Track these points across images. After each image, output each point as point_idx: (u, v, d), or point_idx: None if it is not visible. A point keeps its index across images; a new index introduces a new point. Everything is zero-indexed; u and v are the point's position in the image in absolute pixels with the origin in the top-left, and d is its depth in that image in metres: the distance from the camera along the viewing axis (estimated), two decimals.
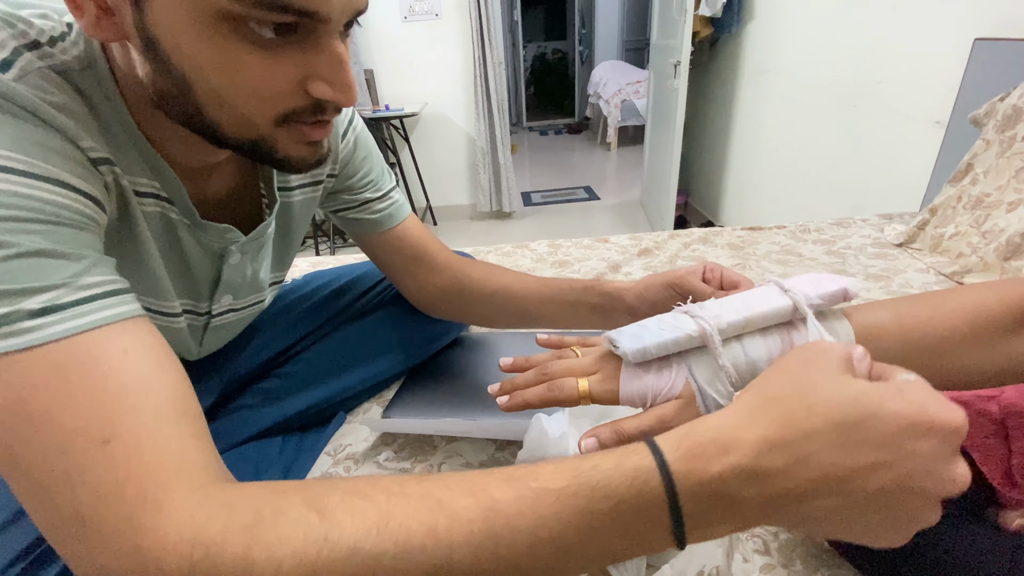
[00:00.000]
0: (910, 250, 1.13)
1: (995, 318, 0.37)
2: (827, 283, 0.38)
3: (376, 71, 2.97)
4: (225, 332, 0.60)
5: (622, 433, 0.37)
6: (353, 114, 0.61)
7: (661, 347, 0.38)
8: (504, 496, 0.27)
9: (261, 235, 0.53)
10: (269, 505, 0.28)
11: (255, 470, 0.62)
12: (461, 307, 0.69)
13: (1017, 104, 0.99)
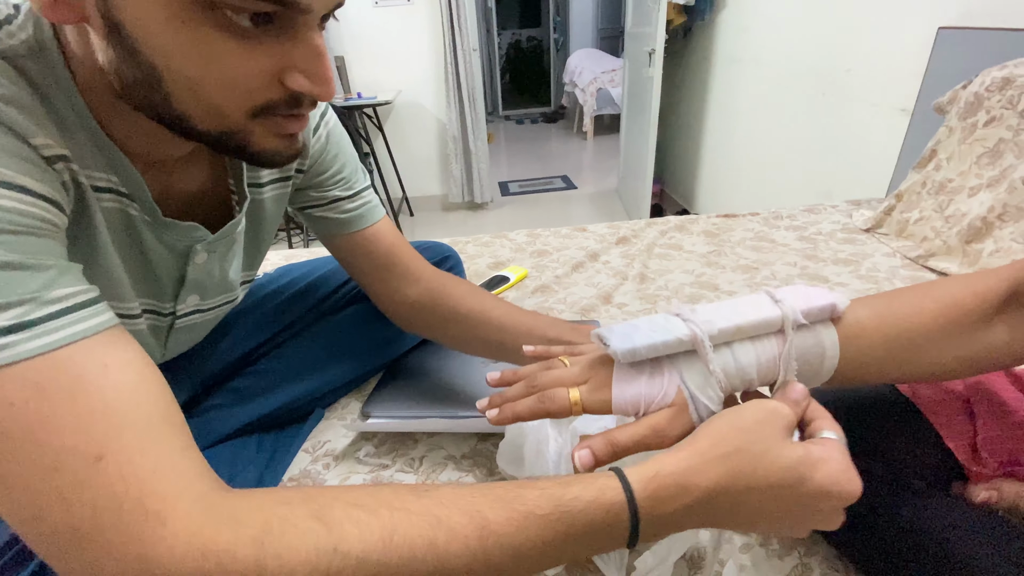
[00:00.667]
0: (877, 235, 1.17)
1: (969, 311, 0.39)
2: (817, 297, 0.38)
3: (347, 58, 2.90)
4: (192, 333, 0.58)
5: (616, 444, 0.37)
6: (326, 108, 0.59)
7: (651, 349, 0.37)
8: (496, 517, 0.30)
9: (230, 233, 0.51)
10: (276, 516, 0.29)
11: (229, 471, 0.60)
12: (432, 323, 0.65)
13: (979, 91, 1.02)
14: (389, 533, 0.29)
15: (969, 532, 0.40)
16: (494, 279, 1.08)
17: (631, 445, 0.37)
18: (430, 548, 0.29)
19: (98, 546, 0.26)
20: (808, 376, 0.39)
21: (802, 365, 0.38)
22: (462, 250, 1.25)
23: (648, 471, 0.32)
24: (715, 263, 1.10)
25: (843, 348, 0.39)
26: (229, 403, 0.67)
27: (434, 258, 0.84)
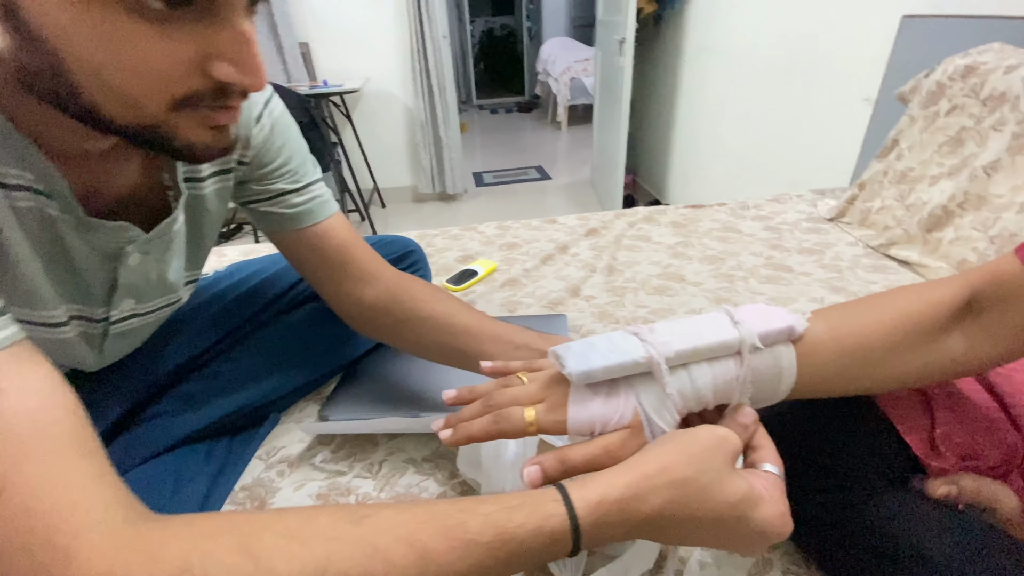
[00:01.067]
0: (840, 224, 1.18)
1: (924, 322, 0.39)
2: (775, 319, 0.38)
3: (312, 45, 2.81)
4: (131, 338, 0.55)
5: (568, 463, 0.36)
6: (270, 96, 0.55)
7: (607, 371, 0.37)
8: (437, 546, 0.29)
9: (166, 232, 0.47)
10: (197, 551, 0.26)
11: (175, 482, 0.57)
12: (390, 327, 0.61)
13: (940, 80, 1.03)
14: (323, 567, 0.27)
15: (927, 528, 0.40)
16: (462, 273, 1.06)
17: (582, 465, 0.36)
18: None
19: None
20: (765, 396, 0.39)
21: (759, 386, 0.38)
22: (430, 243, 1.22)
23: (593, 495, 0.31)
24: (682, 254, 1.10)
25: (799, 365, 0.39)
26: (176, 410, 0.63)
27: (396, 253, 0.81)
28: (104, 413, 0.60)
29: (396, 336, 0.62)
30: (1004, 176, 0.88)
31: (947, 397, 0.47)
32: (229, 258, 1.14)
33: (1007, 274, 0.37)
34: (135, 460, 0.60)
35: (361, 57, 2.89)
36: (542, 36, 5.95)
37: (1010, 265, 0.37)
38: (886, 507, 0.42)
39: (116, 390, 0.61)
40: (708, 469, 0.32)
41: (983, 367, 0.40)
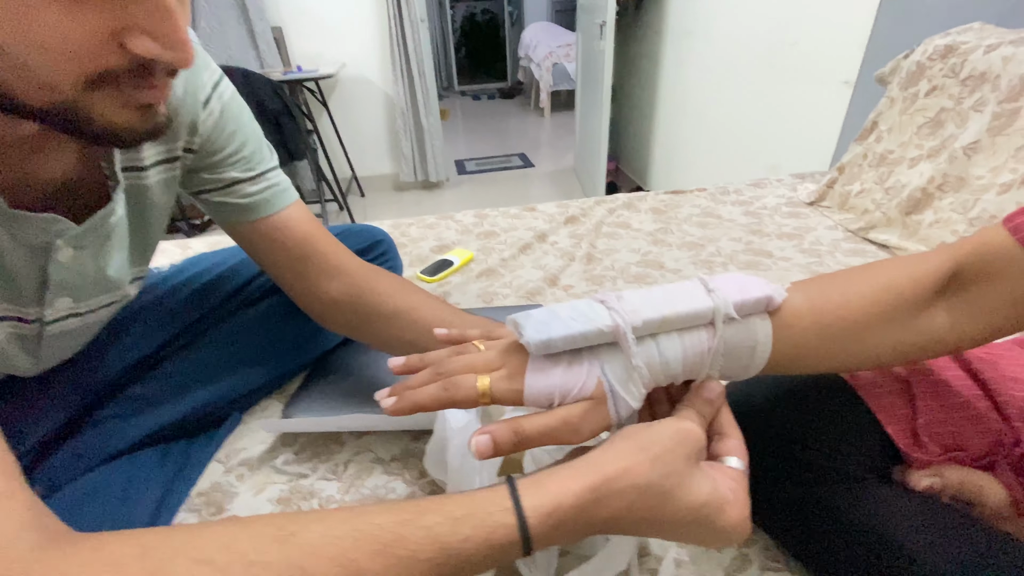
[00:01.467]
0: (820, 208, 1.17)
1: (906, 296, 0.36)
2: (753, 288, 0.35)
3: (285, 30, 2.71)
4: (69, 341, 0.51)
5: (522, 433, 0.33)
6: (220, 78, 0.51)
7: (569, 340, 0.34)
8: (372, 566, 0.26)
9: (101, 225, 0.44)
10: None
11: (124, 490, 0.54)
12: (354, 322, 0.58)
13: (920, 61, 1.02)
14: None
15: (909, 521, 0.38)
16: (438, 263, 1.03)
17: (537, 436, 0.33)
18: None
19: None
20: (737, 370, 0.36)
21: (731, 359, 0.35)
22: (404, 232, 1.19)
23: (547, 504, 0.28)
24: (661, 241, 1.07)
25: (776, 338, 0.36)
26: (127, 413, 0.60)
27: (363, 244, 0.77)
28: (47, 417, 0.56)
29: (361, 333, 0.59)
30: (984, 157, 0.87)
31: (930, 385, 0.45)
32: (195, 250, 1.10)
33: (994, 245, 0.35)
34: (83, 467, 0.56)
35: (336, 42, 2.81)
36: (524, 21, 5.86)
37: (997, 236, 0.35)
38: (866, 500, 0.41)
39: (60, 393, 0.57)
40: (671, 472, 0.30)
41: (968, 344, 0.37)
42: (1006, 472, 0.41)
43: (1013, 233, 0.34)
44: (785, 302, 0.36)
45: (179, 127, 0.48)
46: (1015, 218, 0.34)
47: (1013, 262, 0.34)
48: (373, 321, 0.57)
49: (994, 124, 0.85)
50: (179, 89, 0.47)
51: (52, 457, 0.56)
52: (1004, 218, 0.35)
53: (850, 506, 0.41)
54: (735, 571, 0.46)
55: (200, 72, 0.49)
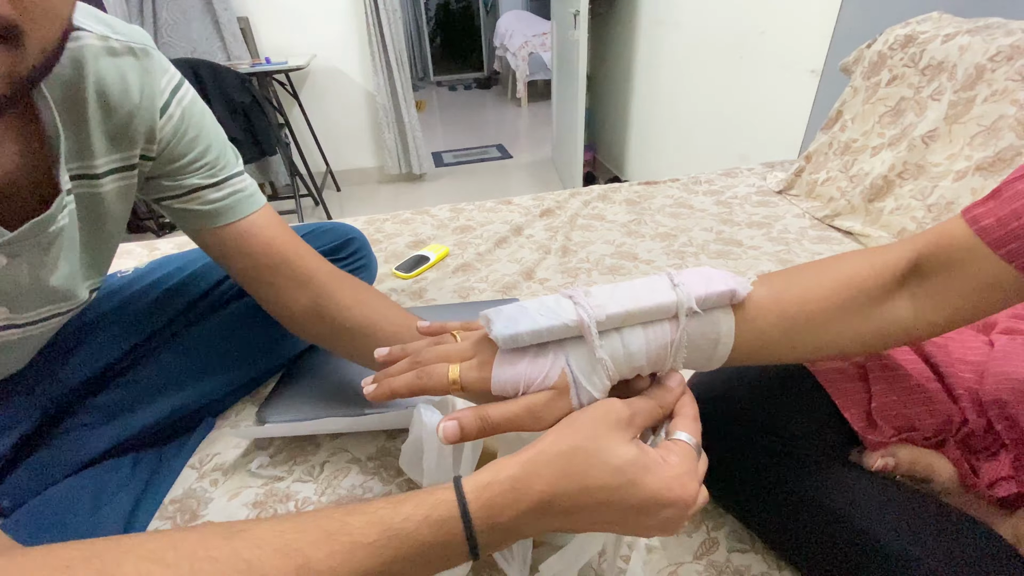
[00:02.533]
0: (788, 196, 1.19)
1: (868, 287, 0.38)
2: (718, 282, 0.37)
3: (252, 19, 2.64)
4: (7, 354, 0.49)
5: (487, 420, 0.34)
6: (179, 83, 0.50)
7: (535, 335, 0.35)
8: (316, 554, 0.27)
9: (38, 233, 0.41)
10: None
11: (93, 501, 0.53)
12: (324, 334, 0.56)
13: (881, 50, 1.04)
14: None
15: (866, 500, 0.40)
16: (413, 259, 1.02)
17: (502, 422, 0.34)
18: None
19: None
20: (700, 362, 0.38)
21: (693, 351, 0.37)
22: (379, 228, 1.18)
23: (483, 478, 0.30)
24: (635, 232, 1.09)
25: (739, 331, 0.37)
26: (94, 422, 0.58)
27: (335, 242, 0.76)
28: (9, 429, 0.55)
29: (329, 343, 0.59)
30: (941, 145, 0.90)
31: (883, 369, 0.47)
32: (161, 252, 1.07)
33: (953, 237, 0.36)
34: (52, 478, 0.55)
35: (306, 32, 2.74)
36: (499, 9, 5.80)
37: (957, 227, 0.36)
38: (827, 482, 0.42)
39: (22, 403, 0.56)
40: (593, 436, 0.31)
41: (929, 333, 0.39)
42: (954, 450, 0.43)
43: (971, 224, 0.35)
44: (750, 296, 0.38)
45: (135, 134, 0.46)
46: (973, 209, 0.36)
47: (971, 252, 0.35)
48: (337, 333, 0.56)
49: (951, 113, 0.88)
50: (135, 95, 0.45)
51: (15, 471, 0.54)
52: (963, 210, 0.36)
53: (811, 488, 0.42)
54: (703, 554, 0.48)
55: (158, 77, 0.47)
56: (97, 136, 0.44)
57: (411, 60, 4.64)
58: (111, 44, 0.44)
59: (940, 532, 0.37)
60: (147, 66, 0.46)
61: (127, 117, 0.45)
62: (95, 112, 0.44)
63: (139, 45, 0.46)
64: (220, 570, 0.25)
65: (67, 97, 0.42)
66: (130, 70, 0.45)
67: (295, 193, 2.59)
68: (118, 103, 0.44)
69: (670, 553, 0.48)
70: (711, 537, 0.49)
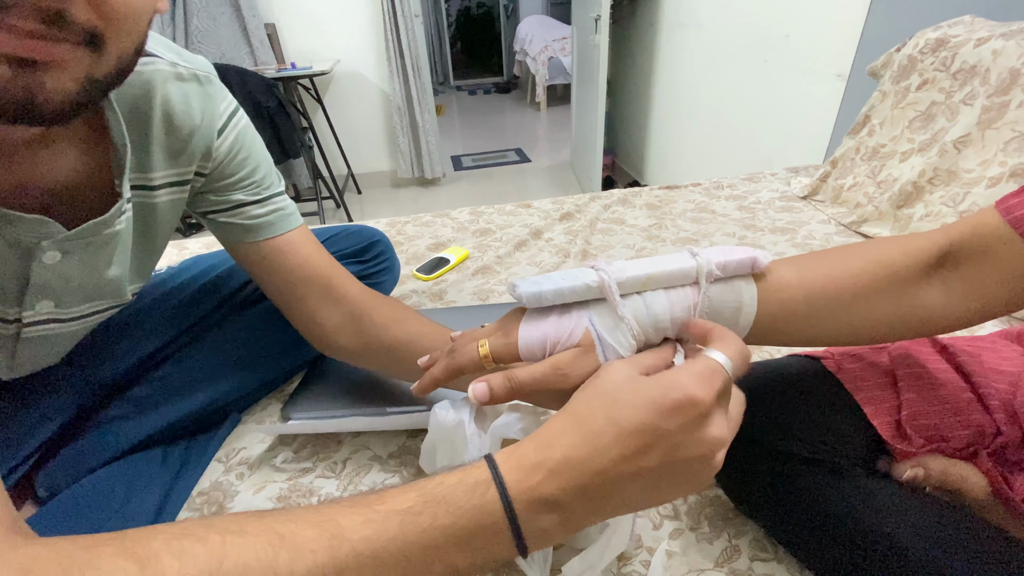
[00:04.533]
0: (813, 202, 1.17)
1: (897, 270, 0.37)
2: (738, 252, 0.37)
3: (279, 26, 2.70)
4: (47, 347, 0.51)
5: (515, 380, 0.35)
6: (236, 109, 0.53)
7: (558, 294, 0.37)
8: (350, 522, 0.26)
9: (94, 233, 0.44)
10: (76, 563, 0.24)
11: (126, 490, 0.55)
12: (354, 349, 0.58)
13: (911, 54, 1.02)
14: (218, 561, 0.24)
15: (894, 511, 0.39)
16: (434, 261, 1.03)
17: (530, 382, 0.35)
18: (268, 571, 0.25)
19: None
20: None
21: (717, 318, 0.37)
22: (401, 230, 1.19)
23: (509, 448, 0.30)
24: (656, 236, 1.08)
25: (763, 302, 0.37)
26: (128, 414, 0.60)
27: (360, 244, 0.78)
28: (48, 421, 0.57)
29: (360, 360, 0.60)
30: (974, 151, 0.88)
31: (914, 378, 0.46)
32: (190, 251, 1.10)
33: (987, 226, 0.36)
34: (85, 468, 0.57)
35: (330, 38, 2.80)
36: (519, 14, 5.83)
37: (990, 217, 0.36)
38: (853, 492, 0.42)
39: (61, 396, 0.58)
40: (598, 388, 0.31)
41: (961, 323, 0.38)
42: (987, 462, 0.42)
43: (1005, 215, 0.35)
44: (773, 271, 0.38)
45: (193, 152, 0.50)
46: (1008, 200, 0.35)
47: (1004, 242, 0.35)
48: (372, 350, 0.57)
49: (984, 118, 0.86)
50: (197, 117, 0.49)
51: (53, 460, 0.56)
52: (997, 200, 0.36)
53: (837, 497, 0.42)
54: (725, 561, 0.47)
55: (217, 102, 0.51)
56: (157, 151, 0.48)
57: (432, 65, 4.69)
58: (179, 70, 0.47)
59: (969, 543, 0.37)
60: (209, 92, 0.50)
61: (188, 136, 0.49)
62: (158, 130, 0.47)
63: (203, 73, 0.50)
64: (252, 543, 0.25)
65: (135, 114, 0.45)
66: (194, 95, 0.48)
67: (317, 195, 2.63)
68: (181, 123, 0.48)
69: (691, 559, 0.48)
70: (733, 545, 0.49)
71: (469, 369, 0.38)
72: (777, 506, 0.46)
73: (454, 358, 0.39)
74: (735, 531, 0.50)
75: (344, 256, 0.75)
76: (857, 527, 0.40)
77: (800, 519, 0.44)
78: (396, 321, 0.57)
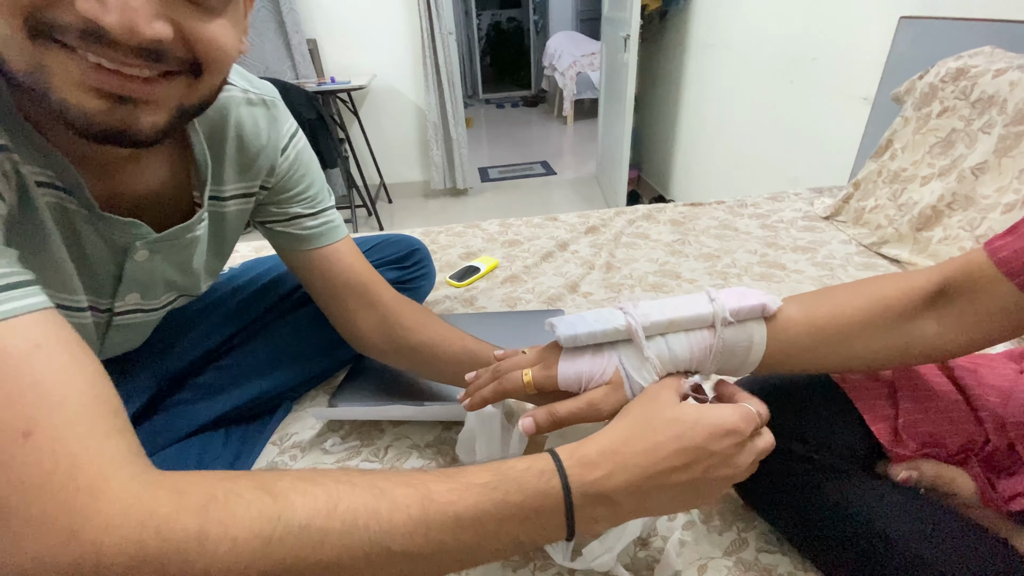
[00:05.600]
0: (835, 223, 1.20)
1: (895, 307, 0.42)
2: (750, 297, 0.43)
3: (320, 41, 2.84)
4: (131, 333, 0.58)
5: (555, 415, 0.42)
6: (296, 130, 0.60)
7: (591, 336, 0.43)
8: (438, 488, 0.32)
9: (178, 237, 0.51)
10: (221, 488, 0.29)
11: (197, 464, 0.62)
12: (388, 352, 0.65)
13: (933, 82, 1.05)
14: (334, 503, 0.30)
15: (890, 509, 0.43)
16: (465, 269, 1.10)
17: (568, 416, 0.41)
18: (373, 516, 0.30)
19: (22, 519, 0.25)
20: (735, 365, 0.43)
21: (729, 356, 0.42)
22: (435, 240, 1.26)
23: (571, 447, 0.36)
24: (679, 252, 1.13)
25: (772, 340, 0.42)
26: (195, 398, 0.68)
27: (401, 252, 0.85)
28: (131, 401, 0.65)
29: (389, 359, 0.67)
30: (991, 177, 0.90)
31: (913, 390, 0.50)
32: (241, 254, 1.19)
33: (976, 265, 0.40)
34: (158, 445, 0.64)
35: (368, 53, 2.92)
36: (549, 30, 5.94)
37: (979, 257, 0.40)
38: (853, 490, 0.46)
39: (139, 379, 0.66)
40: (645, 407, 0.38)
41: (955, 352, 0.42)
42: (976, 467, 0.46)
43: (991, 255, 0.39)
44: (781, 310, 0.43)
45: (260, 168, 0.57)
46: (994, 241, 0.40)
47: (990, 281, 0.39)
48: (399, 350, 0.64)
49: (1000, 146, 0.88)
50: (263, 137, 0.55)
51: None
52: (986, 242, 0.40)
53: (838, 495, 0.46)
54: (733, 551, 0.52)
55: (281, 124, 0.58)
56: (229, 167, 0.54)
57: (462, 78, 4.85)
58: (249, 96, 0.54)
59: (955, 539, 0.41)
60: (275, 115, 0.57)
61: (255, 154, 0.55)
62: (231, 148, 0.54)
63: (269, 98, 0.57)
64: (358, 493, 0.31)
65: (213, 134, 0.52)
66: (261, 117, 0.55)
67: (351, 204, 2.74)
68: (250, 143, 0.55)
69: (701, 548, 0.52)
70: (741, 537, 0.53)
71: (514, 395, 0.46)
72: (781, 502, 0.50)
73: (502, 384, 0.45)
74: (744, 525, 0.54)
75: (387, 262, 0.82)
76: (853, 523, 0.44)
77: (802, 515, 0.48)
78: (422, 325, 0.64)
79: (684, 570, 0.50)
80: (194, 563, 0.27)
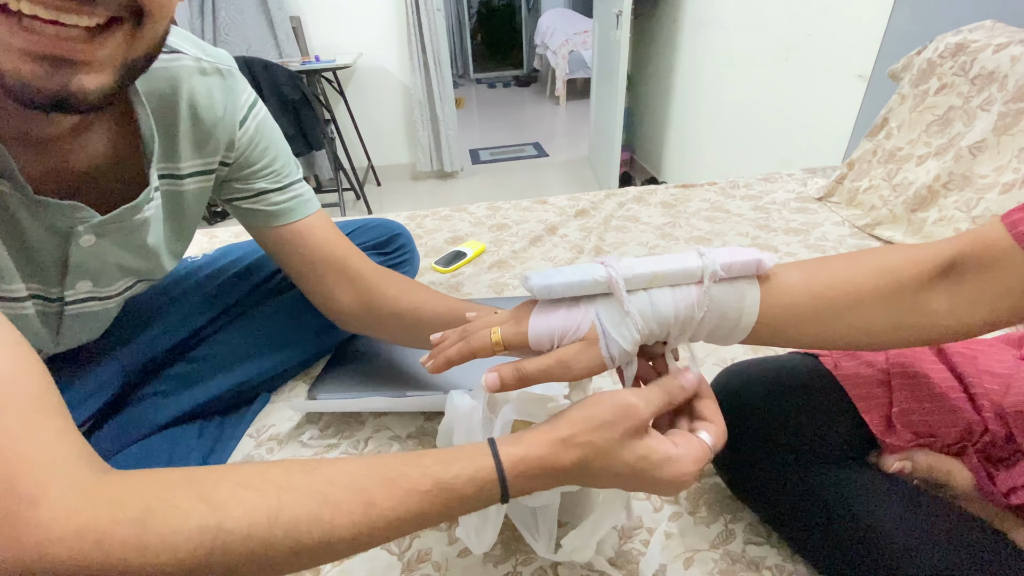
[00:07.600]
0: (829, 204, 1.18)
1: (902, 277, 0.38)
2: (744, 253, 0.39)
3: (303, 19, 2.75)
4: (90, 322, 0.55)
5: (522, 371, 0.39)
6: (255, 101, 0.56)
7: (567, 287, 0.39)
8: (380, 494, 0.32)
9: (125, 218, 0.47)
10: (158, 499, 0.28)
11: (168, 460, 0.60)
12: (371, 323, 0.63)
13: (931, 58, 1.02)
14: (275, 512, 0.29)
15: (877, 501, 0.42)
16: (451, 255, 1.07)
17: (537, 374, 0.38)
18: (315, 522, 0.30)
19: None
20: (726, 330, 0.39)
21: (719, 319, 0.39)
22: (420, 224, 1.23)
23: (517, 452, 0.35)
24: (669, 235, 1.10)
25: (766, 304, 0.38)
26: (168, 390, 0.65)
27: (382, 237, 0.82)
28: (98, 394, 0.62)
29: (372, 330, 0.65)
30: (989, 156, 0.88)
31: (907, 376, 0.48)
32: (220, 240, 1.15)
33: (992, 239, 0.36)
34: (130, 439, 0.62)
35: (353, 31, 2.84)
36: (541, 7, 5.81)
37: (996, 230, 0.36)
38: (843, 482, 0.44)
39: (108, 372, 0.63)
40: (608, 438, 0.35)
41: (966, 333, 0.38)
42: (973, 458, 0.45)
43: (1010, 228, 0.35)
44: (779, 274, 0.39)
45: (217, 142, 0.53)
46: (1013, 214, 0.36)
47: (1008, 255, 0.35)
48: (381, 319, 0.62)
49: (1000, 124, 0.86)
50: (219, 109, 0.52)
51: (100, 431, 0.61)
52: (1003, 214, 0.37)
53: (827, 486, 0.44)
54: (720, 543, 0.50)
55: (238, 95, 0.54)
56: (184, 142, 0.51)
57: (452, 57, 4.73)
58: (203, 65, 0.50)
59: (949, 533, 0.39)
60: (231, 85, 0.53)
61: (211, 128, 0.52)
62: (185, 122, 0.50)
63: (225, 66, 0.52)
64: (300, 499, 0.30)
65: (162, 107, 0.48)
66: (216, 88, 0.51)
67: (338, 187, 2.69)
68: (205, 115, 0.51)
69: (688, 540, 0.51)
70: (728, 529, 0.52)
71: (481, 354, 0.41)
72: (769, 493, 0.48)
73: (468, 342, 0.41)
74: (732, 516, 0.53)
75: (367, 248, 0.79)
76: (842, 515, 0.43)
77: (790, 506, 0.47)
78: (403, 292, 0.61)
79: (670, 563, 0.49)
80: (138, 572, 0.26)
